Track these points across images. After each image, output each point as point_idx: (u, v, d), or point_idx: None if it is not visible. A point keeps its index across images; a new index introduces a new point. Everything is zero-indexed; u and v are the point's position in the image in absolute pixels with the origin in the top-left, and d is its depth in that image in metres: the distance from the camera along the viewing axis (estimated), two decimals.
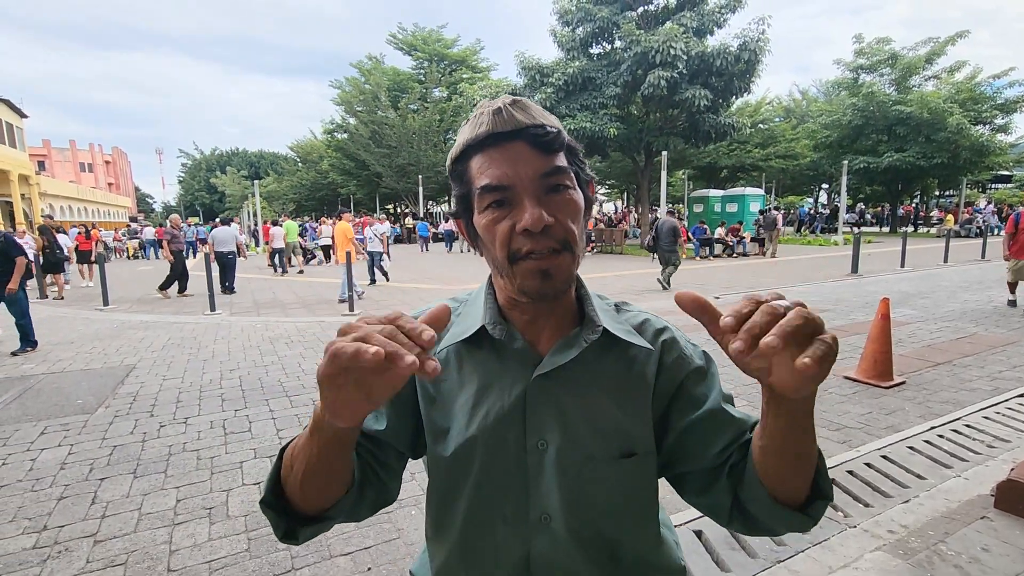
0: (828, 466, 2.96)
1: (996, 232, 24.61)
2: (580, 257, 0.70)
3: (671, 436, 0.75)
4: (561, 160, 0.68)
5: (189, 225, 24.00)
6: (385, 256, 12.05)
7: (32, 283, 10.93)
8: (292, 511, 0.65)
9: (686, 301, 0.52)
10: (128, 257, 23.98)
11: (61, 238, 11.90)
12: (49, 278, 11.15)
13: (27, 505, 2.82)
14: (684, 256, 14.07)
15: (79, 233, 14.32)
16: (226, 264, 10.94)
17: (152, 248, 22.81)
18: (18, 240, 6.63)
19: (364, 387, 0.49)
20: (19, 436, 3.74)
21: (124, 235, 26.01)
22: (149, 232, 23.98)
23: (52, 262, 10.80)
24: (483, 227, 0.68)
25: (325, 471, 0.61)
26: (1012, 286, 7.73)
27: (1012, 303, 7.72)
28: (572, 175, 0.69)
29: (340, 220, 11.74)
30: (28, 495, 2.93)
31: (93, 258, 13.00)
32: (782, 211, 24.13)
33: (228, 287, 10.97)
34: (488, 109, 0.68)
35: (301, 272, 15.55)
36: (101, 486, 3.02)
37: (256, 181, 30.67)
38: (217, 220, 18.49)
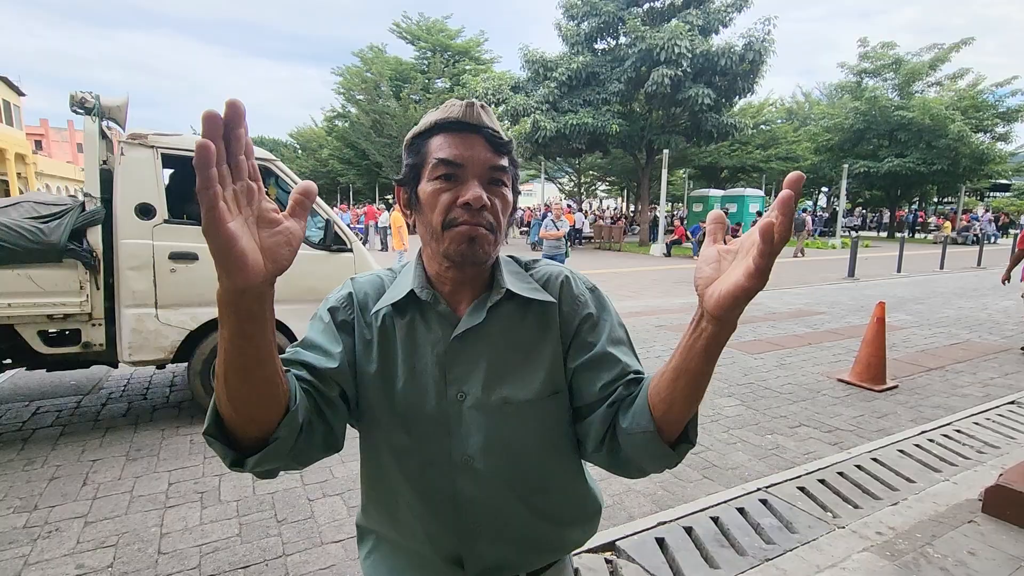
0: (819, 467, 2.98)
1: (993, 240, 24.74)
2: (500, 243, 0.81)
3: (567, 375, 0.84)
4: (505, 162, 0.79)
5: None
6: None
7: None
8: (236, 440, 0.65)
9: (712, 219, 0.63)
10: None
11: None
12: None
13: (18, 485, 2.82)
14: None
15: None
16: None
17: None
18: None
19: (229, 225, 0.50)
20: (11, 416, 3.73)
21: None
22: None
23: None
24: (429, 193, 0.77)
25: (249, 367, 0.59)
26: None
27: None
28: (511, 178, 0.81)
29: (393, 210, 12.41)
30: (19, 474, 2.93)
31: None
32: (808, 212, 24.20)
33: None
34: (459, 102, 0.78)
35: None
36: (93, 468, 3.02)
37: None
38: None
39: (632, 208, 33.82)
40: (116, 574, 2.14)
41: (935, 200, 38.10)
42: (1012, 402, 4.11)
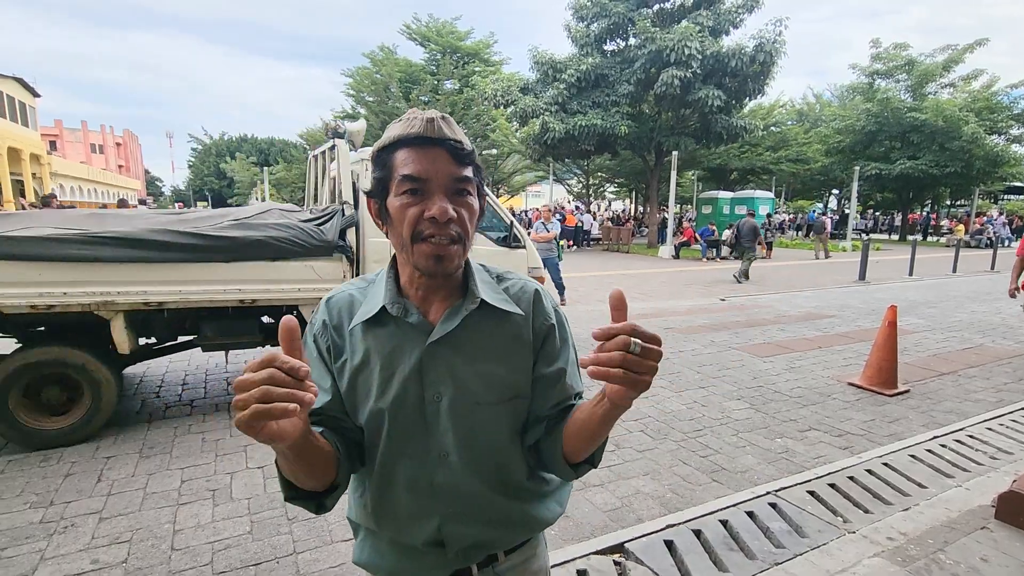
0: (829, 471, 2.97)
1: (1007, 244, 24.41)
2: (468, 250, 0.86)
3: (536, 370, 0.93)
4: (469, 172, 0.83)
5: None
6: None
7: None
8: (310, 493, 0.82)
9: (613, 298, 0.70)
10: None
11: None
12: None
13: (35, 481, 2.87)
14: (761, 251, 15.47)
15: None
16: None
17: None
18: None
19: (272, 428, 0.62)
20: None
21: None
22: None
23: None
24: (396, 208, 0.82)
25: (309, 464, 0.76)
26: None
27: None
28: (476, 185, 0.85)
29: None
30: (35, 470, 2.97)
31: None
32: (828, 215, 24.10)
33: None
34: (421, 116, 0.82)
35: None
36: (107, 464, 3.06)
37: (265, 168, 30.73)
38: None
39: (641, 210, 33.71)
40: (130, 569, 2.17)
41: (948, 203, 37.68)
42: None
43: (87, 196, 43.95)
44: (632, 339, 0.65)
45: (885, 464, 3.11)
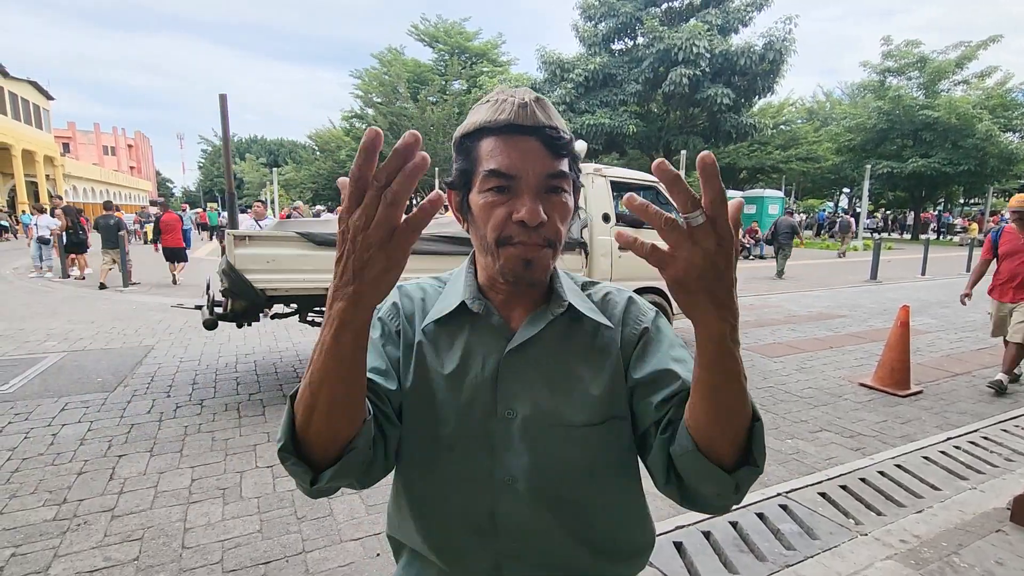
0: (841, 473, 2.93)
1: None
2: (559, 254, 0.75)
3: (628, 397, 0.78)
4: (564, 165, 0.72)
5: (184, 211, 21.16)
6: None
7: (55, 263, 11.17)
8: (309, 459, 0.64)
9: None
10: (145, 242, 20.78)
11: (44, 219, 11.02)
12: (99, 256, 11.37)
13: (48, 478, 2.90)
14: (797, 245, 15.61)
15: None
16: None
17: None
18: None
19: (386, 245, 0.51)
20: (41, 411, 3.83)
21: (140, 217, 23.21)
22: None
23: (75, 242, 11.01)
24: (480, 206, 0.72)
25: (352, 376, 0.60)
26: (1012, 365, 4.51)
27: (999, 386, 4.42)
28: (570, 181, 0.74)
29: (446, 211, 13.03)
30: (49, 469, 3.01)
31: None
32: (850, 215, 23.99)
33: None
34: (512, 99, 0.71)
35: None
36: (119, 463, 3.09)
37: (275, 169, 30.95)
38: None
39: None
40: (142, 567, 2.19)
41: (961, 201, 37.22)
42: None
43: (99, 197, 44.46)
44: (687, 215, 0.52)
45: (898, 466, 3.08)
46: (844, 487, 2.83)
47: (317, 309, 4.52)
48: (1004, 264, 4.48)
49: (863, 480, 2.91)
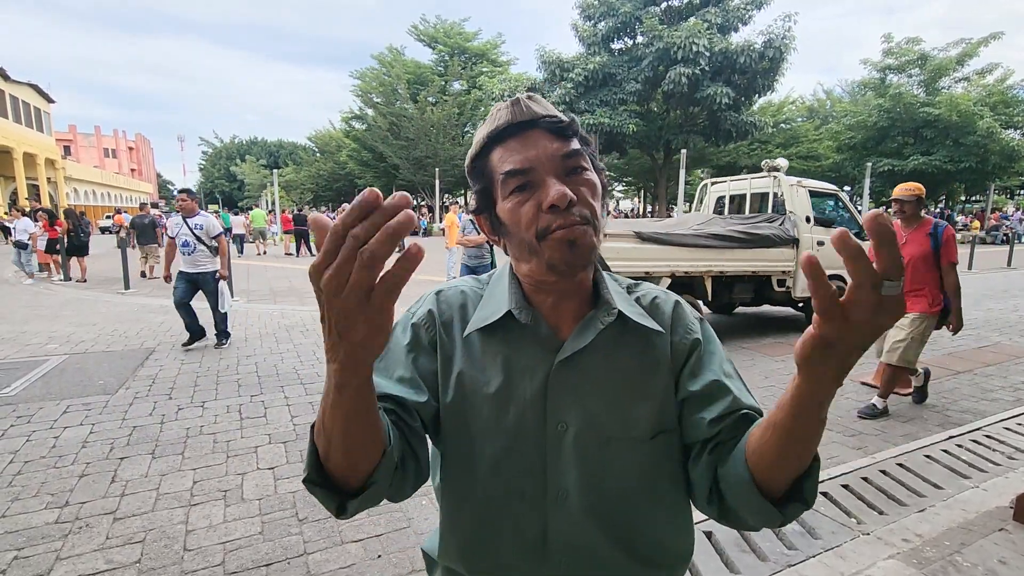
0: (842, 472, 2.92)
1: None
2: (600, 232, 0.72)
3: (677, 409, 0.76)
4: (576, 144, 0.71)
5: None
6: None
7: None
8: (336, 486, 0.63)
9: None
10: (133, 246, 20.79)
11: (23, 222, 10.82)
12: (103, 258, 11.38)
13: (50, 481, 2.90)
14: None
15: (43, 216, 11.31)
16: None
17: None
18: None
19: (369, 302, 0.45)
20: (43, 414, 3.84)
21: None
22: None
23: (76, 245, 11.03)
24: (508, 212, 0.71)
25: (360, 425, 0.58)
26: (888, 388, 3.97)
27: (872, 411, 3.89)
28: (588, 158, 0.73)
29: (448, 211, 13.29)
30: (51, 471, 3.01)
31: (58, 246, 11.00)
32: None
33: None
34: (504, 105, 0.71)
35: (263, 254, 18.47)
36: (121, 465, 3.09)
37: (275, 171, 30.96)
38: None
39: (649, 208, 33.55)
40: (144, 569, 2.19)
41: (962, 199, 37.16)
42: None
43: (100, 200, 44.59)
44: (886, 281, 0.45)
45: (900, 465, 3.07)
46: (846, 486, 2.83)
47: None
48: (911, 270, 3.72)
49: (865, 479, 2.90)
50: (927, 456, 3.18)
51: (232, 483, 2.91)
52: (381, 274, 0.44)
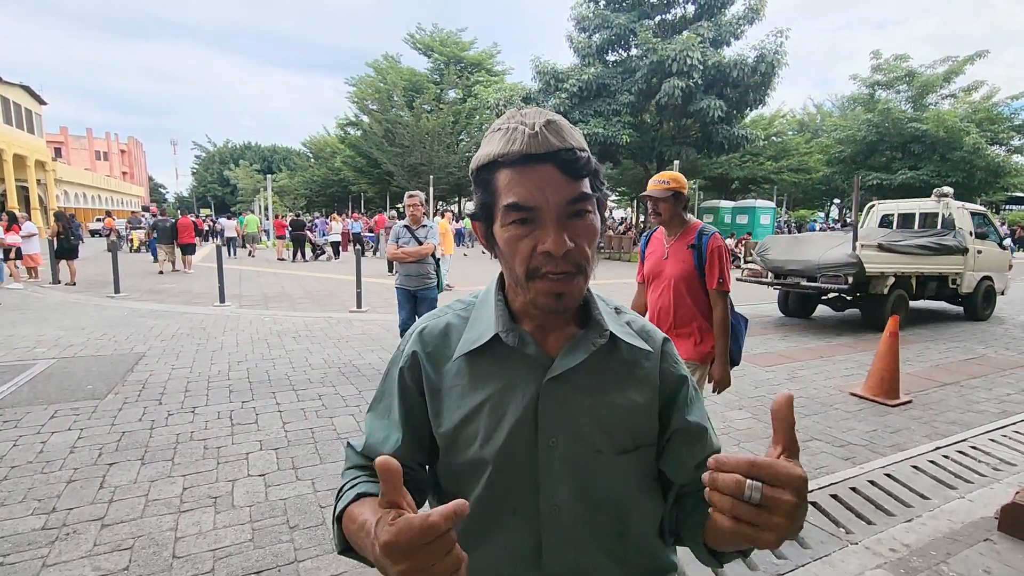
0: (831, 482, 2.94)
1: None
2: (591, 277, 0.74)
3: (665, 434, 0.81)
4: (586, 186, 0.70)
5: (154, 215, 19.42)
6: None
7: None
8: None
9: (776, 405, 0.59)
10: (131, 250, 20.04)
11: None
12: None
13: (37, 487, 2.87)
14: None
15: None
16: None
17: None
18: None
19: None
20: (30, 419, 3.80)
21: (131, 223, 21.52)
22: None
23: (67, 248, 10.93)
24: (505, 240, 0.71)
25: None
26: None
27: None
28: (594, 201, 0.72)
29: (442, 217, 13.32)
30: (38, 477, 2.98)
31: (12, 254, 10.92)
32: (839, 225, 24.23)
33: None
34: (523, 129, 0.68)
35: (251, 255, 19.31)
36: (109, 471, 3.06)
37: (269, 176, 30.88)
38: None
39: (643, 219, 33.76)
40: None
41: None
42: None
43: (91, 203, 44.21)
44: (748, 481, 0.52)
45: (887, 475, 3.11)
46: (835, 496, 2.86)
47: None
48: (649, 291, 2.74)
49: (853, 489, 2.94)
50: (914, 467, 3.22)
51: (222, 490, 2.89)
52: None
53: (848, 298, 7.81)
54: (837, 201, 37.18)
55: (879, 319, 6.97)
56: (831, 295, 7.95)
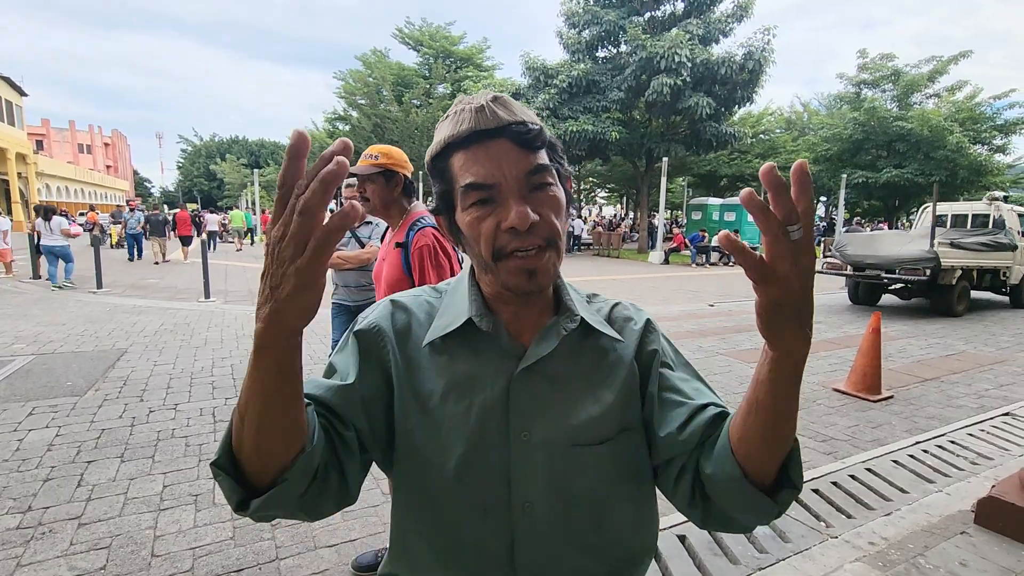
0: (813, 476, 2.97)
1: None
2: (563, 252, 0.71)
3: (643, 412, 0.77)
4: (543, 157, 0.68)
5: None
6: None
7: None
8: (245, 479, 0.59)
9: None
10: (111, 245, 18.32)
11: None
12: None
13: (12, 485, 2.81)
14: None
15: None
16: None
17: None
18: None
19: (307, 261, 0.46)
20: (6, 416, 3.72)
21: (110, 218, 20.39)
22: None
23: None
24: (467, 224, 0.68)
25: (278, 408, 0.55)
26: None
27: None
28: (554, 172, 0.69)
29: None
30: (14, 475, 2.92)
31: None
32: (825, 223, 24.46)
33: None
34: (469, 106, 0.67)
35: (239, 250, 19.54)
36: (88, 469, 3.01)
37: (256, 170, 30.53)
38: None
39: (631, 215, 33.90)
40: None
41: None
42: (1006, 413, 4.12)
43: (74, 197, 43.47)
44: (788, 227, 0.50)
45: (868, 469, 3.14)
46: (816, 490, 2.89)
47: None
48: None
49: (834, 483, 2.97)
50: (894, 461, 3.26)
51: (203, 487, 2.85)
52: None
53: (912, 288, 8.87)
54: (824, 199, 37.58)
55: (947, 306, 8.49)
56: (898, 286, 9.01)
